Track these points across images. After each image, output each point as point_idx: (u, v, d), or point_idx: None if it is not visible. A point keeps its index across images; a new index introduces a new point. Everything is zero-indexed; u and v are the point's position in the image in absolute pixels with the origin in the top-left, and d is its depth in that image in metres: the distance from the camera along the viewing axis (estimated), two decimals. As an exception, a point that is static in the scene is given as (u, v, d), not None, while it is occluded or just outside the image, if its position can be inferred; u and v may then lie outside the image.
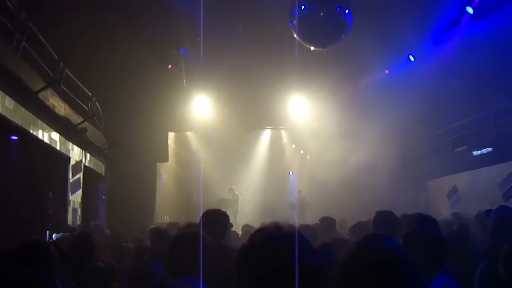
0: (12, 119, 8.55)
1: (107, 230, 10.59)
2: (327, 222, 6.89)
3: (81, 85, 13.07)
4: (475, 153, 13.79)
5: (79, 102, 13.01)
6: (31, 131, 9.55)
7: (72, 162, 12.29)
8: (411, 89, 13.47)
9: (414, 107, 13.50)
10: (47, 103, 10.03)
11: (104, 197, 15.65)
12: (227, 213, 4.60)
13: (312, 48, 10.75)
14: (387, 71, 15.91)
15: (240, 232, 8.19)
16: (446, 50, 13.11)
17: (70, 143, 12.19)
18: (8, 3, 8.74)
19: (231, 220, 4.82)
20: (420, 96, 13.30)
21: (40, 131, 10.03)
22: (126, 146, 15.11)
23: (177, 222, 8.58)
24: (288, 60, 13.21)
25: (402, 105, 13.58)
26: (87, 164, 13.73)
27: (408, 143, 15.33)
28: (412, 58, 15.04)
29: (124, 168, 15.47)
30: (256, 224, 9.86)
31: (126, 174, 15.29)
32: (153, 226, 10.16)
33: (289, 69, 14.15)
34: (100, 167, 15.46)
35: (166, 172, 20.71)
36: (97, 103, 14.57)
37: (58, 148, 11.20)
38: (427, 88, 13.23)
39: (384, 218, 4.71)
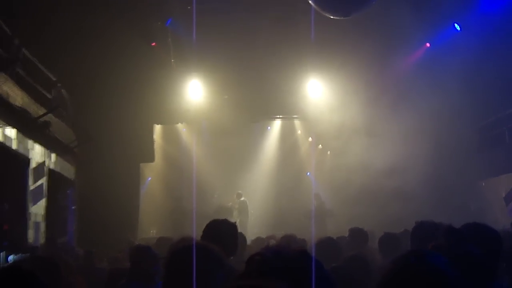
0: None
1: (78, 249, 10.70)
2: (358, 236, 7.07)
3: (42, 67, 12.97)
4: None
5: (40, 89, 12.85)
6: (-22, 128, 9.39)
7: (33, 164, 12.22)
8: (456, 66, 13.61)
9: (461, 88, 13.59)
10: (-1, 91, 9.90)
11: (74, 207, 15.66)
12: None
13: (332, 17, 10.71)
14: (428, 44, 16.03)
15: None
16: (499, 16, 13.42)
17: (30, 141, 12.11)
18: None
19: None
20: (468, 74, 13.41)
21: (-11, 127, 9.89)
22: (102, 143, 15.22)
23: (169, 237, 8.70)
24: (303, 33, 13.33)
25: (445, 86, 13.70)
26: (52, 166, 13.76)
27: (454, 135, 15.42)
28: (457, 27, 15.13)
29: (99, 170, 15.42)
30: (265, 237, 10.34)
31: (102, 178, 15.33)
32: (137, 243, 10.28)
33: (305, 44, 14.21)
34: (68, 170, 15.45)
35: (151, 174, 20.88)
36: (63, 90, 14.48)
37: (14, 147, 11.06)
38: (477, 64, 13.29)
39: (425, 230, 4.66)
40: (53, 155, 13.90)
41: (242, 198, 19.70)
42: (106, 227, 14.33)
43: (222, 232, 4.38)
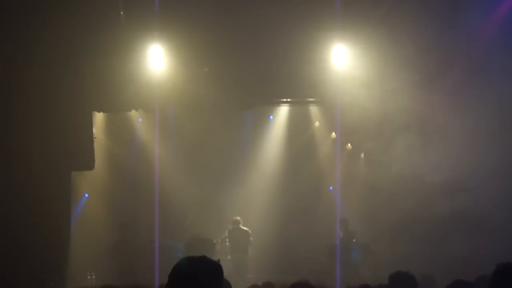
0: None
1: None
2: (403, 284, 7.26)
3: None
4: None
5: None
6: None
7: None
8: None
9: None
10: None
11: None
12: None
13: None
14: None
15: None
16: None
17: None
18: None
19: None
20: None
21: None
22: (12, 141, 15.11)
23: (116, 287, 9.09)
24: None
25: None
26: None
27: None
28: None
29: (7, 184, 15.25)
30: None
31: (12, 195, 15.13)
32: None
33: None
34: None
35: (91, 189, 20.64)
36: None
37: None
38: None
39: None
40: None
41: (242, 227, 19.83)
42: (20, 272, 14.43)
43: (198, 278, 4.30)
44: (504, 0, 16.49)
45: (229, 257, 19.00)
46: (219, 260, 4.60)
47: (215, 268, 4.46)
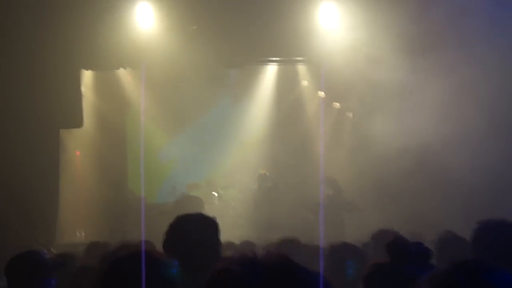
0: None
1: None
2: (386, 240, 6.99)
3: None
4: None
5: None
6: None
7: None
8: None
9: None
10: None
11: None
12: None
13: None
14: None
15: None
16: None
17: None
18: None
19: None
20: None
21: None
22: (2, 100, 15.16)
23: (105, 242, 9.18)
24: None
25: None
26: None
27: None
28: None
29: None
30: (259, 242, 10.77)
31: (2, 153, 15.35)
32: (54, 251, 10.12)
33: None
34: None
35: (79, 147, 20.81)
36: None
37: None
38: None
39: (492, 234, 5.15)
40: None
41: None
42: (8, 227, 14.47)
43: (195, 234, 4.52)
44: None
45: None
46: (215, 217, 4.88)
47: (211, 223, 4.73)
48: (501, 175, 14.88)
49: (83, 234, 18.49)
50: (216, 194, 20.12)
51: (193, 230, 4.58)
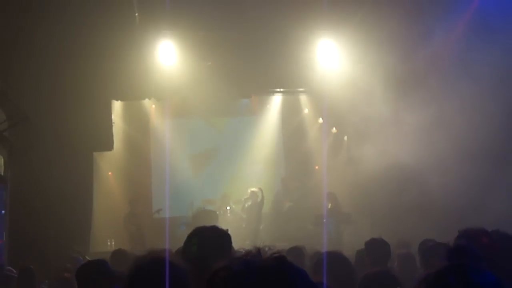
0: None
1: (9, 269, 10.54)
2: (376, 248, 7.29)
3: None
4: None
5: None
6: None
7: None
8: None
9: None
10: None
11: (3, 212, 15.61)
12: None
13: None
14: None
15: None
16: None
17: None
18: None
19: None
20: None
21: None
22: (41, 125, 15.24)
23: (124, 250, 9.13)
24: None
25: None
26: (-30, 156, 14.01)
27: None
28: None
29: (38, 162, 15.39)
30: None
31: (42, 172, 15.31)
32: (88, 259, 10.29)
33: None
34: (-5, 162, 15.34)
35: (111, 168, 21.03)
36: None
37: None
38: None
39: (473, 239, 5.13)
40: (-29, 141, 14.16)
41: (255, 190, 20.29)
42: (48, 238, 14.51)
43: (211, 243, 4.50)
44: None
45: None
46: (227, 230, 4.87)
47: (224, 236, 4.73)
48: (472, 195, 14.72)
49: (113, 243, 18.81)
50: (229, 208, 20.20)
51: (208, 241, 4.59)
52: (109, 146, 17.67)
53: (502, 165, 15.62)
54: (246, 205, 20.27)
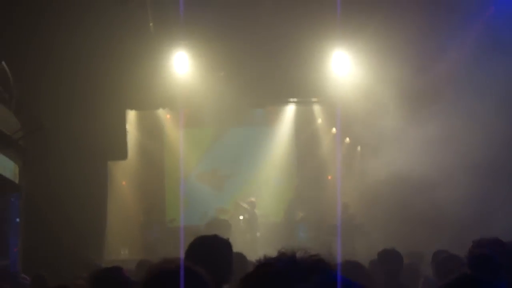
0: None
1: (23, 276, 10.75)
2: (389, 260, 7.30)
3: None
4: None
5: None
6: None
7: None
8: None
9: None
10: None
11: (18, 219, 15.73)
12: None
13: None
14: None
15: None
16: None
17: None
18: None
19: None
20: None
21: None
22: (56, 133, 15.27)
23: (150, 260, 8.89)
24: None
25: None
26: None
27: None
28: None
29: (52, 170, 15.41)
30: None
31: (56, 180, 15.35)
32: (103, 266, 10.30)
33: (327, 2, 14.45)
34: (10, 170, 15.24)
35: (125, 177, 21.08)
36: (3, 62, 14.33)
37: None
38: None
39: (489, 248, 5.19)
40: (-13, 150, 14.00)
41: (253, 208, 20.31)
42: (62, 246, 14.47)
43: (211, 252, 4.58)
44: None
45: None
46: (228, 239, 4.95)
47: (225, 244, 4.83)
48: (481, 209, 14.97)
49: (127, 252, 18.96)
50: (241, 218, 20.23)
51: (212, 248, 4.66)
52: (123, 155, 17.67)
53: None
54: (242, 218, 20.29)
